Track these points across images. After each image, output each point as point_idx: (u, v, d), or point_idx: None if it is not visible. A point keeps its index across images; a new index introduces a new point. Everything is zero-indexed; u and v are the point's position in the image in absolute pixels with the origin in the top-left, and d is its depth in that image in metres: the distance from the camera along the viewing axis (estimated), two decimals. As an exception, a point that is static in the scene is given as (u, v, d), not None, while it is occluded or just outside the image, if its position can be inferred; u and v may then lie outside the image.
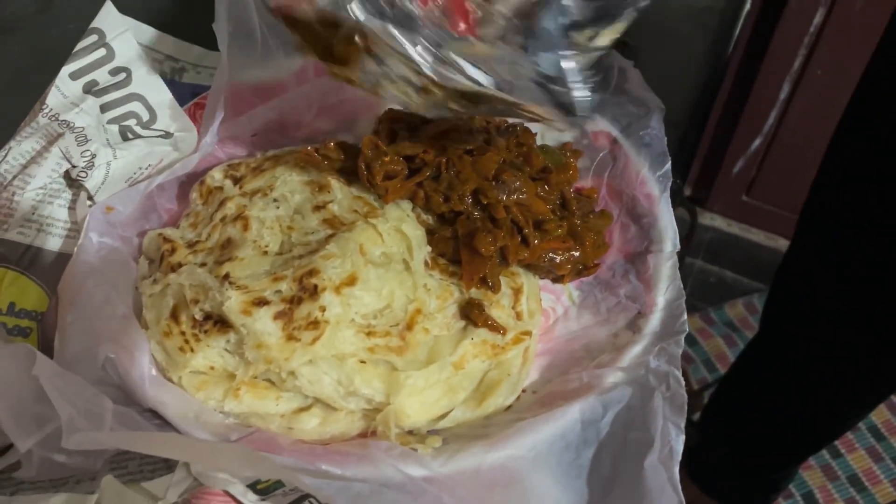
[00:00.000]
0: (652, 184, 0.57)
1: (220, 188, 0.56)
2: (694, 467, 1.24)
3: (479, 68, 0.41)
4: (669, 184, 0.57)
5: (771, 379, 1.12)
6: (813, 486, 1.49)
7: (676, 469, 0.43)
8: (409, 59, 0.40)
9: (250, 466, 0.38)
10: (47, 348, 0.47)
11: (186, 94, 0.63)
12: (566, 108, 0.41)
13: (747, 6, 0.84)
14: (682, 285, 0.52)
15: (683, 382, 0.46)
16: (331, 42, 0.43)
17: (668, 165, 0.57)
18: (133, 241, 0.54)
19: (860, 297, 0.89)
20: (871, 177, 0.83)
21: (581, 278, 0.56)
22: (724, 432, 1.27)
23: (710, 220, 1.89)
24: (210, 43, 0.65)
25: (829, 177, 0.90)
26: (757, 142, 1.69)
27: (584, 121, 0.44)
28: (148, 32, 0.64)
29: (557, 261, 0.53)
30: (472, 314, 0.50)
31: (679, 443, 0.43)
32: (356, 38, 0.41)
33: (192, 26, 0.69)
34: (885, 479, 1.50)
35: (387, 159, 0.52)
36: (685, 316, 0.50)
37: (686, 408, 0.45)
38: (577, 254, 0.53)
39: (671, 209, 0.56)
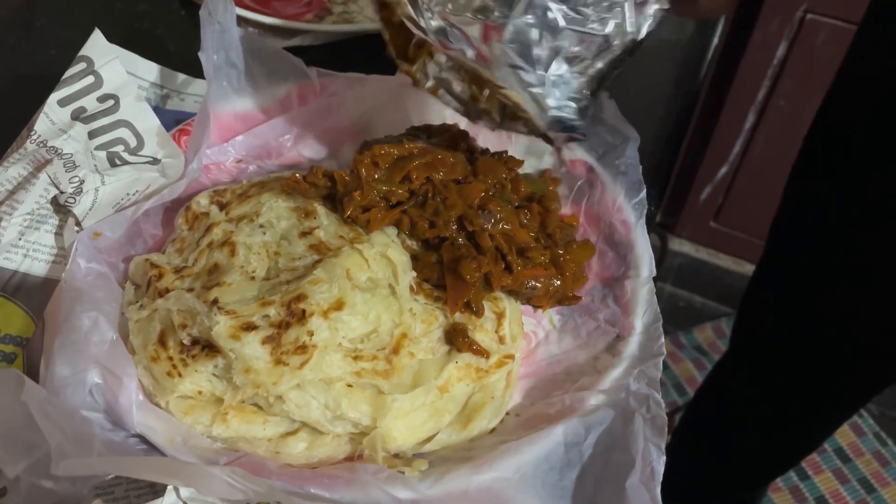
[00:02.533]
0: (628, 211, 0.59)
1: (206, 214, 0.56)
2: (663, 490, 1.25)
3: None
4: (645, 211, 0.58)
5: (739, 400, 1.14)
6: (782, 508, 1.51)
7: (658, 489, 0.44)
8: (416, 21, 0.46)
9: (241, 489, 0.38)
10: (33, 374, 0.46)
11: (170, 120, 0.64)
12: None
13: (715, 40, 0.87)
14: (658, 309, 0.54)
15: (663, 404, 0.47)
16: (407, 45, 0.52)
17: (644, 193, 0.59)
18: (119, 266, 0.54)
19: (826, 317, 0.92)
20: (831, 199, 0.86)
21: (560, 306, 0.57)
22: (693, 455, 1.28)
23: (679, 245, 1.93)
24: (194, 70, 0.66)
25: (793, 198, 0.94)
26: (723, 170, 1.74)
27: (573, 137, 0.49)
28: (133, 60, 0.64)
29: (538, 288, 0.54)
30: (456, 339, 0.51)
31: (660, 463, 0.45)
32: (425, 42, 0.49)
33: (177, 54, 0.70)
34: (852, 501, 1.53)
35: (357, 194, 0.53)
36: (663, 339, 0.52)
37: (666, 429, 0.46)
38: (557, 282, 0.55)
39: (647, 236, 0.58)
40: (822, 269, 0.90)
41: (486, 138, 0.64)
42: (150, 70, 0.65)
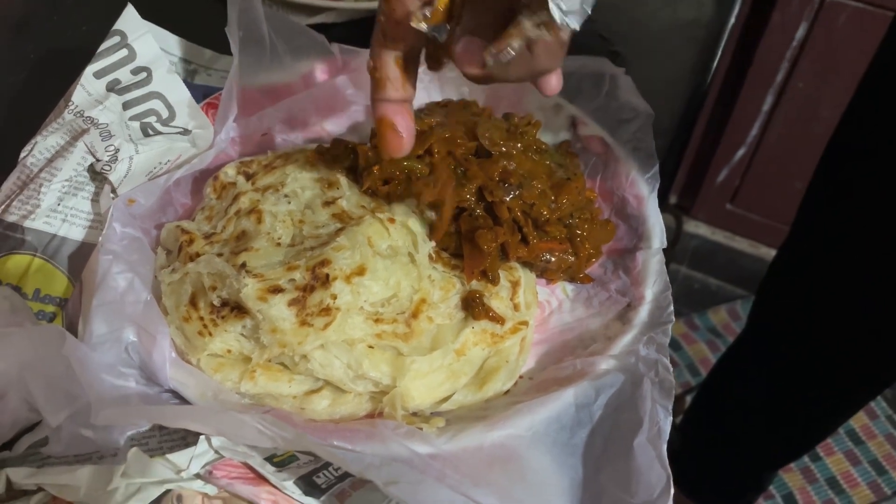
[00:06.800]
0: (641, 185, 0.60)
1: (234, 184, 0.58)
2: (676, 470, 1.26)
3: None
4: (657, 185, 0.60)
5: (752, 382, 1.15)
6: (793, 488, 1.52)
7: (664, 447, 0.46)
8: None
9: (270, 436, 0.40)
10: (71, 333, 0.49)
11: (198, 94, 0.66)
12: None
13: (732, 19, 0.87)
14: (668, 279, 0.55)
15: (671, 368, 0.49)
16: None
17: (657, 168, 0.60)
18: (151, 232, 0.56)
19: (850, 299, 0.92)
20: (860, 189, 0.86)
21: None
22: (705, 435, 1.29)
23: (695, 227, 1.93)
24: (221, 46, 0.67)
25: (823, 180, 0.93)
26: (741, 152, 1.73)
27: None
28: (162, 35, 0.66)
29: (553, 262, 0.56)
30: (472, 306, 0.53)
31: (667, 423, 0.46)
32: None
33: (205, 30, 0.71)
34: (863, 482, 1.54)
35: (375, 169, 0.55)
36: (672, 307, 0.53)
37: (674, 391, 0.48)
38: (571, 258, 0.57)
39: (658, 208, 0.59)
40: (846, 259, 0.89)
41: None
42: (178, 45, 0.68)
